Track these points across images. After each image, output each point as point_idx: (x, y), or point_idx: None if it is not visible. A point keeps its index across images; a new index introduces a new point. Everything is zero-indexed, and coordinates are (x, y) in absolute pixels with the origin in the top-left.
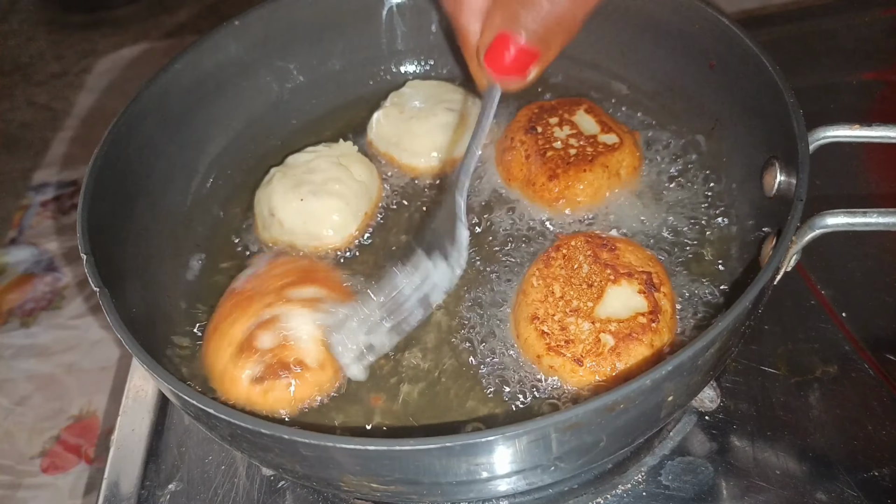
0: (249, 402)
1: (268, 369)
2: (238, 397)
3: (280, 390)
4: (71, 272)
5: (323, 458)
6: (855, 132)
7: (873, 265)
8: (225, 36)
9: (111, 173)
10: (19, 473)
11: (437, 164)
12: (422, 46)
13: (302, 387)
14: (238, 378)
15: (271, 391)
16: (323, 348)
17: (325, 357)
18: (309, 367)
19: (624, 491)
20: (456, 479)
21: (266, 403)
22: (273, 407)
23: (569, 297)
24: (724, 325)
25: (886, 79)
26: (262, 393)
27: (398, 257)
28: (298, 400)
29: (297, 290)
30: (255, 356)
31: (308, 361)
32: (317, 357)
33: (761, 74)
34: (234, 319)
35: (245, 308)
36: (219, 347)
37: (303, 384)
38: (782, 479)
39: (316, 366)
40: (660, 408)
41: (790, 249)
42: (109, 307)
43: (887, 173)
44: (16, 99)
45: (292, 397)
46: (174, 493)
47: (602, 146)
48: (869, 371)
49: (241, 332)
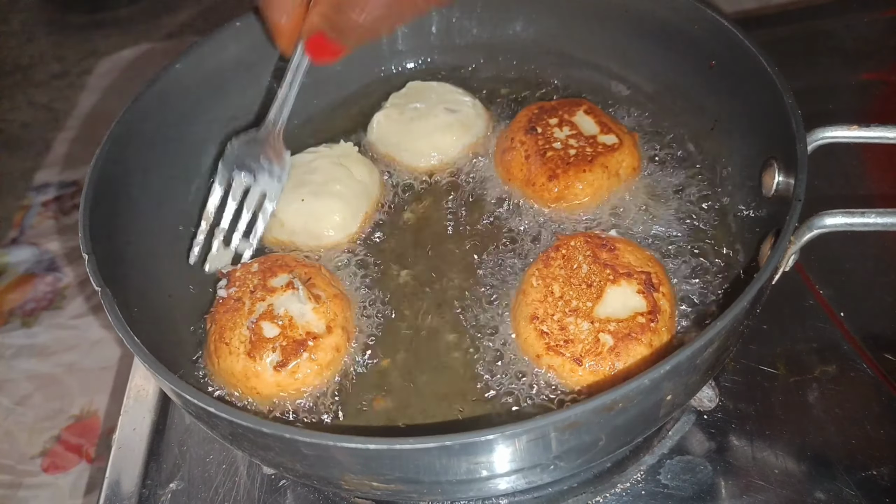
0: (282, 389)
1: (285, 351)
2: (269, 389)
3: (306, 365)
4: (72, 272)
5: (324, 456)
6: (853, 133)
7: (872, 265)
8: (225, 36)
9: (112, 173)
10: (20, 473)
11: (438, 164)
12: (422, 46)
13: (323, 354)
14: (262, 371)
15: (298, 370)
16: (320, 314)
17: (329, 319)
18: (318, 334)
19: (623, 490)
20: (456, 477)
21: (298, 383)
22: (306, 384)
23: (568, 296)
24: (722, 325)
25: (886, 79)
26: (290, 375)
27: (398, 254)
28: (326, 367)
29: (274, 279)
30: (268, 346)
31: (315, 329)
32: (321, 323)
33: (760, 75)
34: (235, 324)
35: (239, 310)
36: (230, 353)
37: (322, 351)
38: (781, 479)
39: (324, 331)
40: (658, 407)
41: (788, 249)
42: (111, 307)
43: (885, 174)
44: (17, 99)
45: (320, 367)
46: (175, 493)
47: (602, 147)
48: (867, 371)
49: (245, 331)
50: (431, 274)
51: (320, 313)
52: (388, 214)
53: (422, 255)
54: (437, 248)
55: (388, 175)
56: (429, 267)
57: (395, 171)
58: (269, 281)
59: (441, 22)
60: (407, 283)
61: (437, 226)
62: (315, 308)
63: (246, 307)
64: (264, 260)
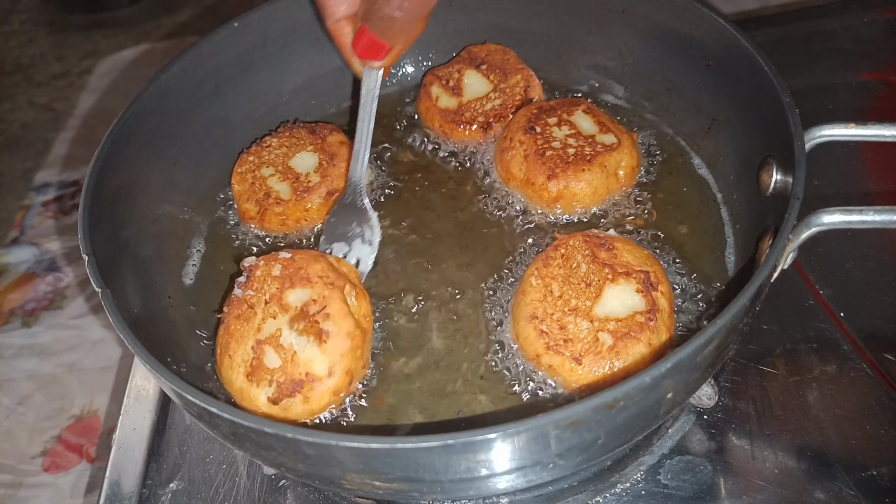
0: (273, 418)
1: (280, 389)
2: (261, 413)
3: (297, 405)
4: (72, 272)
5: (325, 456)
6: (850, 131)
7: (872, 265)
8: (225, 37)
9: (112, 174)
10: (21, 473)
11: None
12: (421, 47)
13: (318, 397)
14: (255, 400)
15: (289, 409)
16: (328, 355)
17: (332, 363)
18: (319, 377)
19: (623, 490)
20: (457, 476)
21: (290, 417)
22: (298, 419)
23: (567, 296)
24: (722, 323)
25: (885, 79)
26: (281, 411)
27: (397, 254)
28: (319, 409)
29: (290, 293)
30: (266, 378)
31: (317, 371)
32: (325, 365)
33: (758, 74)
34: (242, 337)
35: (248, 320)
36: (231, 367)
37: (317, 395)
38: (781, 478)
39: (325, 374)
40: (659, 405)
41: (787, 247)
42: (111, 307)
43: (884, 172)
44: (17, 99)
45: (311, 409)
46: (175, 492)
47: (600, 146)
48: (867, 370)
49: (248, 350)
50: (430, 274)
51: (326, 353)
52: (388, 214)
53: (420, 255)
54: (435, 249)
55: (386, 171)
56: (427, 268)
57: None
58: (286, 295)
59: (439, 22)
60: (406, 284)
61: (436, 226)
62: (321, 347)
63: (256, 320)
64: (289, 264)
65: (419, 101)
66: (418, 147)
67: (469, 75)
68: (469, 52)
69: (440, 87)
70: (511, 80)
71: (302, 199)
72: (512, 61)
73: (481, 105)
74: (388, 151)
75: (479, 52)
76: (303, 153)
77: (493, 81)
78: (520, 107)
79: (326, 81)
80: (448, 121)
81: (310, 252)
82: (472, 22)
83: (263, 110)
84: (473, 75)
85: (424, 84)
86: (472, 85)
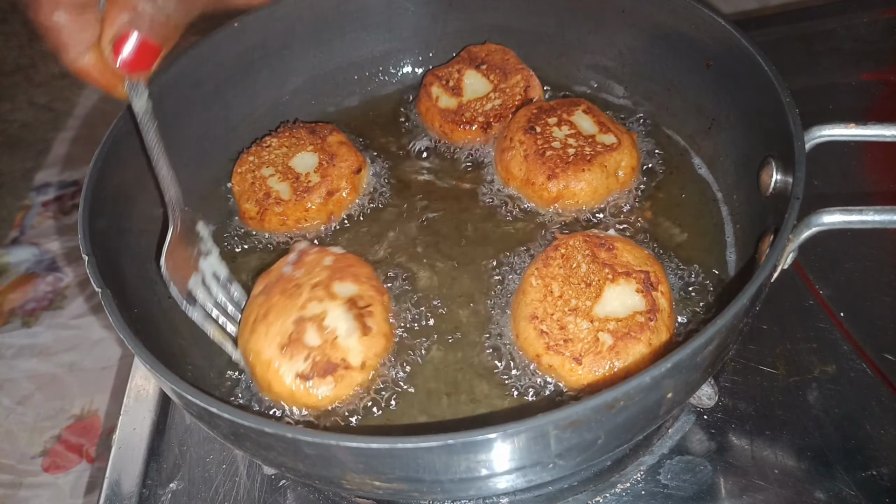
0: (291, 396)
1: (315, 367)
2: (280, 389)
3: (324, 388)
4: (72, 272)
5: (325, 456)
6: (850, 131)
7: (871, 265)
8: (224, 37)
9: (112, 174)
10: (21, 473)
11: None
12: (420, 47)
13: (342, 385)
14: (284, 372)
15: (316, 388)
16: (366, 348)
17: (367, 357)
18: (353, 366)
19: (623, 490)
20: (457, 476)
21: (308, 399)
22: (311, 402)
23: (567, 296)
24: (722, 323)
25: (885, 79)
26: (306, 389)
27: (396, 254)
28: (337, 398)
29: (340, 284)
30: (303, 352)
31: (353, 362)
32: (360, 357)
33: (757, 74)
34: (283, 309)
35: (293, 296)
36: (265, 335)
37: (344, 383)
38: (781, 478)
39: (359, 365)
40: (659, 405)
41: (787, 247)
42: (111, 307)
43: (884, 172)
44: (17, 99)
45: (333, 396)
46: (175, 492)
47: (600, 146)
48: (867, 371)
49: (289, 323)
50: (430, 274)
51: (364, 346)
52: (386, 214)
53: (420, 255)
54: (435, 249)
55: (386, 171)
56: (427, 268)
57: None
58: (334, 284)
59: (439, 22)
60: (405, 284)
61: (436, 226)
62: (361, 339)
63: (302, 298)
64: (341, 259)
65: (419, 101)
66: (418, 147)
67: (469, 75)
68: (469, 52)
69: (440, 87)
70: (511, 80)
71: (302, 199)
72: (512, 61)
73: (481, 105)
74: (388, 152)
75: (479, 52)
76: (303, 153)
77: (493, 81)
78: (520, 107)
79: (326, 81)
80: (448, 121)
81: (359, 257)
82: (472, 22)
83: (263, 110)
84: (473, 75)
85: (424, 84)
86: (472, 85)
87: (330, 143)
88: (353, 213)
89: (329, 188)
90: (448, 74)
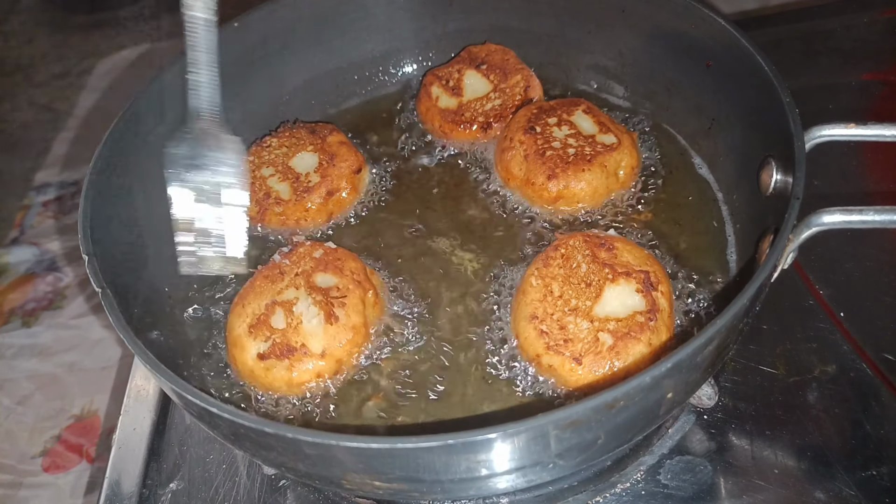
0: (252, 375)
1: (273, 347)
2: (244, 368)
3: (280, 370)
4: (72, 272)
5: (325, 456)
6: (850, 131)
7: (872, 265)
8: (225, 37)
9: (112, 174)
10: (21, 473)
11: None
12: (421, 47)
13: (301, 371)
14: (247, 350)
15: (272, 369)
16: (328, 337)
17: (328, 346)
18: (312, 353)
19: (623, 490)
20: (457, 476)
21: (266, 380)
22: (272, 384)
23: (567, 296)
24: (722, 323)
25: (885, 79)
26: (264, 369)
27: (396, 254)
28: (297, 383)
29: (322, 275)
30: (264, 334)
31: (312, 347)
32: (321, 345)
33: (757, 74)
34: (260, 291)
35: (273, 281)
36: (239, 315)
37: (301, 369)
38: (781, 478)
39: (318, 353)
40: (659, 405)
41: (787, 247)
42: (111, 307)
43: (885, 172)
44: (17, 99)
45: (291, 379)
46: (175, 492)
47: (600, 146)
48: (867, 371)
49: (262, 306)
50: (430, 274)
51: (326, 334)
52: (386, 213)
53: (420, 255)
54: (435, 249)
55: (386, 171)
56: (427, 268)
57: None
58: (316, 275)
59: (439, 22)
60: (404, 283)
61: (436, 226)
62: (325, 328)
63: (281, 284)
64: (330, 252)
65: (419, 101)
66: (418, 147)
67: (469, 75)
68: (469, 52)
69: (440, 87)
70: (511, 80)
71: (302, 199)
72: (512, 61)
73: (481, 105)
74: (388, 152)
75: (479, 52)
76: (303, 153)
77: (493, 81)
78: (520, 107)
79: (326, 81)
80: (448, 121)
81: (352, 254)
82: (472, 22)
83: (263, 111)
84: (473, 75)
85: (424, 84)
86: (472, 85)
87: (330, 143)
88: (353, 213)
89: (329, 188)
90: (448, 74)
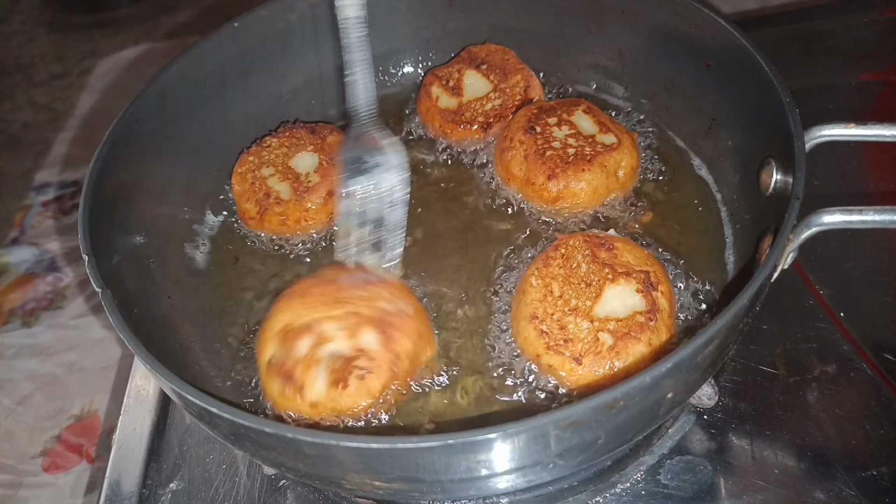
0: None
1: (281, 365)
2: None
3: (276, 385)
4: (72, 272)
5: (325, 456)
6: (850, 131)
7: (872, 265)
8: (224, 37)
9: (112, 174)
10: (21, 473)
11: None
12: (421, 47)
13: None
14: (265, 351)
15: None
16: (323, 395)
17: (318, 401)
18: (305, 398)
19: (623, 490)
20: (457, 476)
21: (266, 384)
22: (268, 393)
23: (567, 296)
24: (722, 323)
25: (885, 79)
26: (266, 376)
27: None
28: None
29: (367, 331)
30: (287, 345)
31: (307, 395)
32: (314, 398)
33: (757, 74)
34: (313, 303)
35: (326, 304)
36: (284, 310)
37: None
38: (781, 478)
39: (307, 403)
40: (659, 405)
41: (787, 247)
42: (111, 307)
43: (885, 172)
44: (17, 99)
45: (280, 401)
46: (175, 492)
47: (600, 146)
48: (867, 371)
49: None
50: (430, 274)
51: (326, 395)
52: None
53: (420, 255)
54: (435, 249)
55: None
56: (427, 268)
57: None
58: (364, 329)
59: (439, 22)
60: (404, 283)
61: (436, 226)
62: (328, 388)
63: (333, 312)
64: (398, 315)
65: (419, 101)
66: (418, 147)
67: (469, 75)
68: (469, 52)
69: (440, 87)
70: (511, 80)
71: (302, 199)
72: (512, 61)
73: (481, 105)
74: None
75: (479, 52)
76: (303, 153)
77: (493, 81)
78: (520, 107)
79: (326, 81)
80: (448, 121)
81: (416, 329)
82: (472, 22)
83: (263, 110)
84: (473, 75)
85: (424, 84)
86: (472, 85)
87: (330, 143)
88: None
89: (329, 188)
90: (448, 74)
